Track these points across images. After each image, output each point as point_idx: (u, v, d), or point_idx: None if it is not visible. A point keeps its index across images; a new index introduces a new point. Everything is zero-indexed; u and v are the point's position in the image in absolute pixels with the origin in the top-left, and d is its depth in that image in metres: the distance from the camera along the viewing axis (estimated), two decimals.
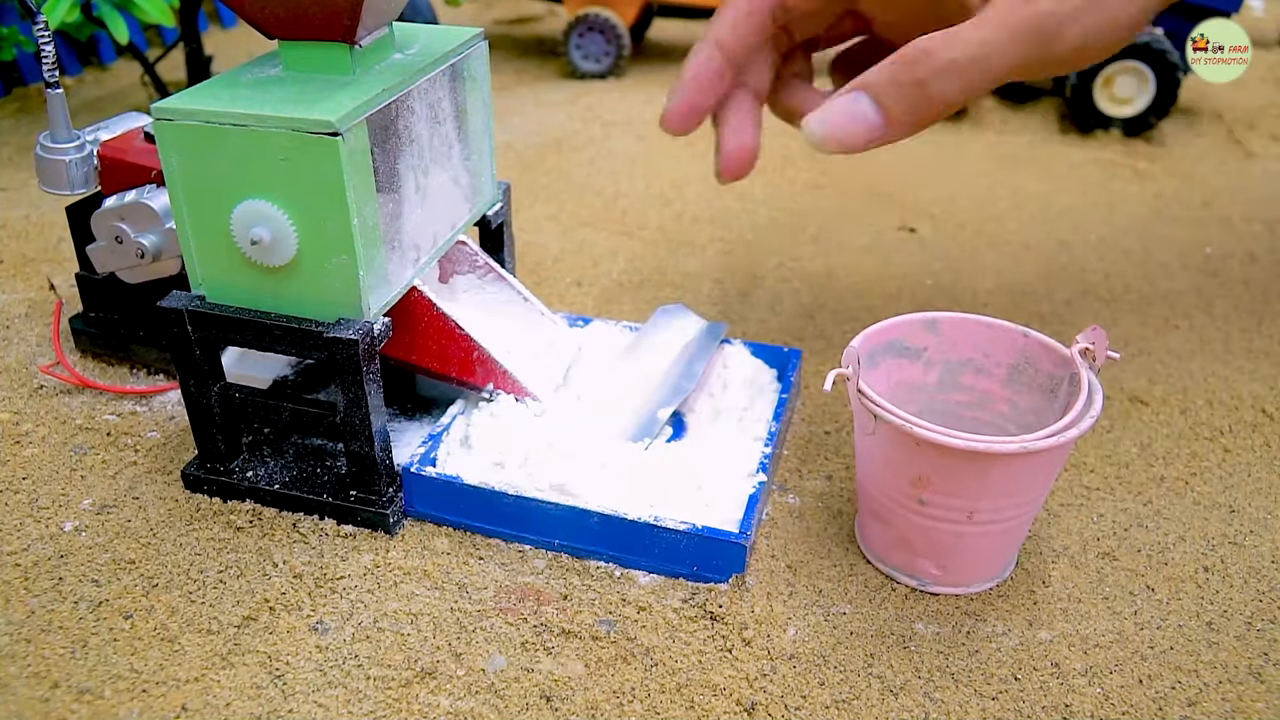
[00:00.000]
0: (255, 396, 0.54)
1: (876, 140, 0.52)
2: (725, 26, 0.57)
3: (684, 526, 0.49)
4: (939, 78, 0.49)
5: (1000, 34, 0.49)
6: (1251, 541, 0.54)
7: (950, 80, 0.49)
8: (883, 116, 0.51)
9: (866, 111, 0.51)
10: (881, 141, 0.52)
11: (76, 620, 0.48)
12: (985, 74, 0.50)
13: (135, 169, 0.60)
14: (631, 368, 0.61)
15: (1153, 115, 1.12)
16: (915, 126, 0.52)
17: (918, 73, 0.49)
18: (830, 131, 0.51)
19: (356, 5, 0.46)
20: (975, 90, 0.50)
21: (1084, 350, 0.49)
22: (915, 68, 0.49)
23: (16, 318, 0.71)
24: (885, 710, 0.44)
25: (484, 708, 0.44)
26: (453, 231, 0.58)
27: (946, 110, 0.51)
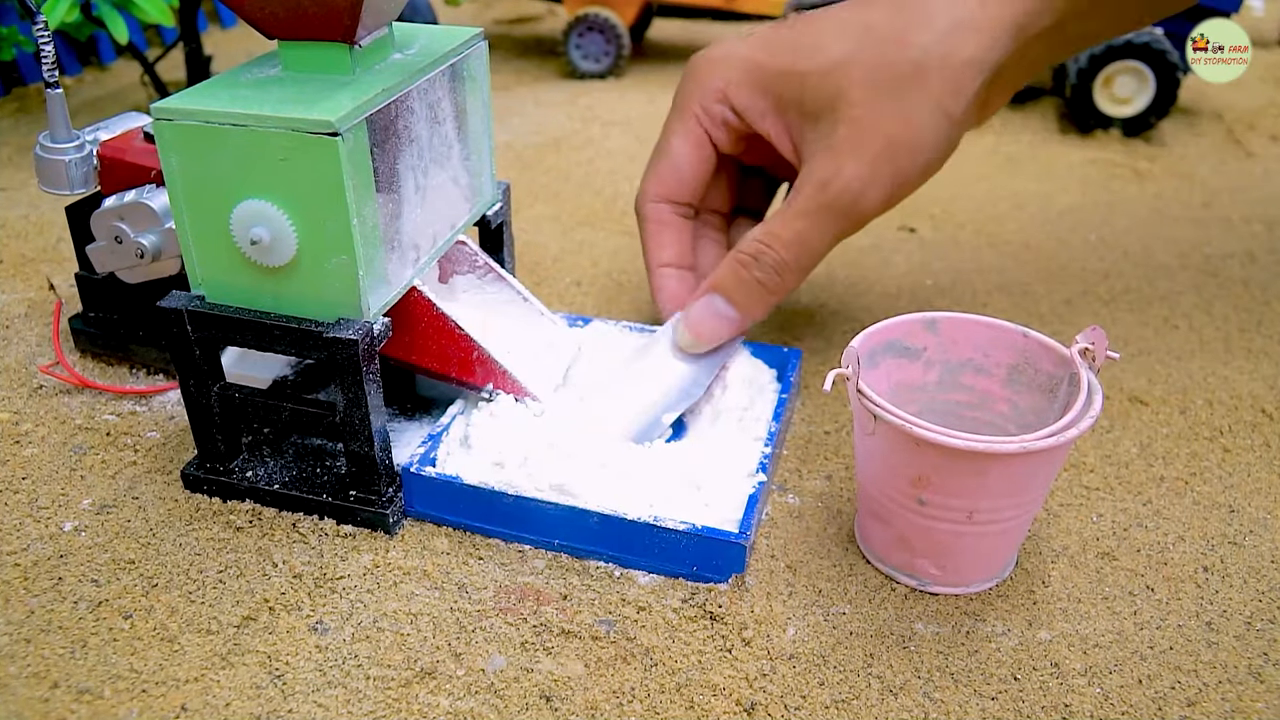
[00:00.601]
0: (255, 396, 0.54)
1: (738, 331, 0.61)
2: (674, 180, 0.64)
3: (684, 526, 0.49)
4: (771, 275, 0.58)
5: (810, 223, 0.57)
6: (1251, 541, 0.54)
7: (782, 274, 0.58)
8: (737, 311, 0.60)
9: (723, 310, 0.60)
10: (741, 330, 0.61)
11: (76, 620, 0.48)
12: (810, 258, 0.59)
13: (135, 169, 0.60)
14: (640, 370, 0.61)
15: (1152, 115, 1.12)
16: (766, 310, 0.60)
17: (754, 273, 0.58)
18: (700, 335, 0.60)
19: (356, 5, 0.46)
20: (808, 270, 0.59)
21: (1084, 350, 0.49)
22: (751, 269, 0.58)
23: (16, 318, 0.71)
24: (885, 710, 0.44)
25: (484, 708, 0.44)
26: (452, 231, 0.58)
27: (791, 290, 0.60)
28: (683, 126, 0.63)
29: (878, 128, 0.55)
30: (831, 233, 0.57)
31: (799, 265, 0.58)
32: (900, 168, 0.56)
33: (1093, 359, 0.49)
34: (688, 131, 0.63)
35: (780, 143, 0.60)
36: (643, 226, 0.65)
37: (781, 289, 0.59)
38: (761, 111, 0.60)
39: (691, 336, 0.60)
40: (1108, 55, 1.10)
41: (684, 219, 0.65)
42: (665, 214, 0.64)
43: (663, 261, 0.64)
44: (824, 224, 0.57)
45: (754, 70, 0.60)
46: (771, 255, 0.58)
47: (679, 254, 0.64)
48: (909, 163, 0.56)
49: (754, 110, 0.60)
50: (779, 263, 0.58)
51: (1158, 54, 1.09)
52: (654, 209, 0.64)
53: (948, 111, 0.56)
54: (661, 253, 0.64)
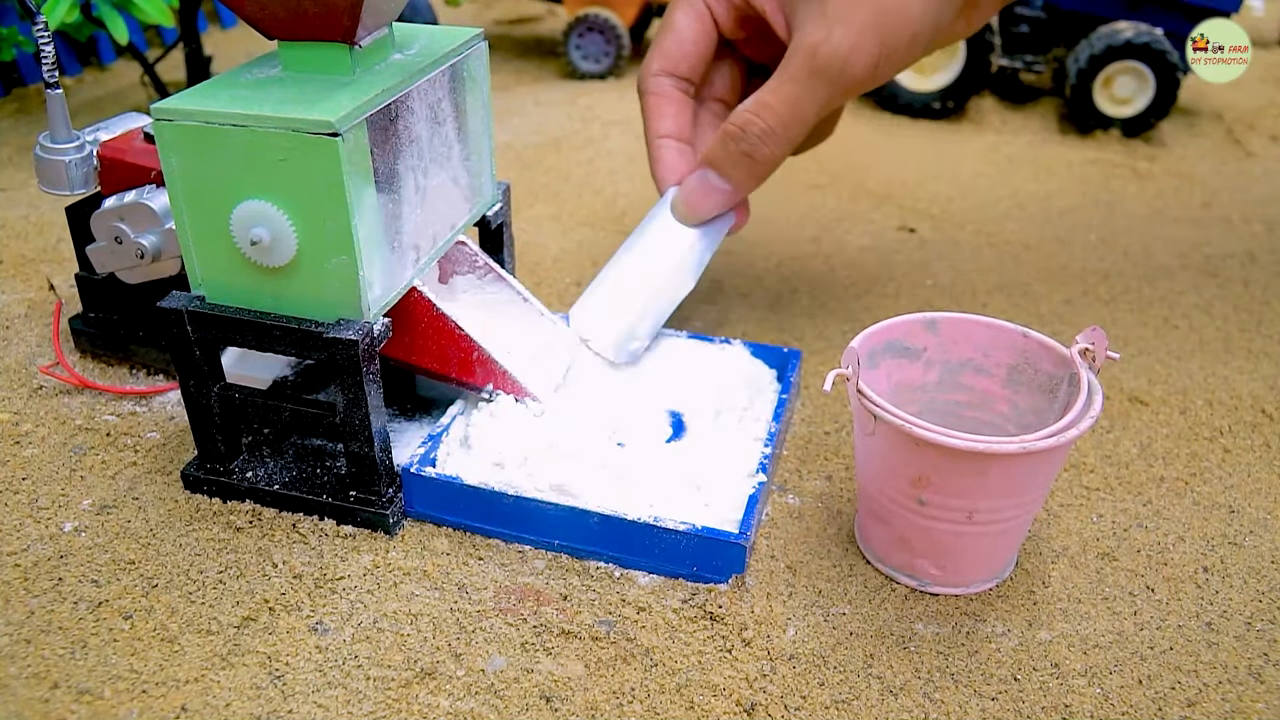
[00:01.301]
0: (255, 397, 0.54)
1: (731, 203, 0.63)
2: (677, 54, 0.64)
3: (683, 527, 0.49)
4: (760, 144, 0.59)
5: (797, 89, 0.58)
6: (1251, 542, 0.54)
7: (771, 143, 0.59)
8: (729, 184, 0.61)
9: (715, 183, 0.62)
10: (735, 203, 0.63)
11: (76, 621, 0.47)
12: (797, 125, 0.59)
13: (135, 169, 0.60)
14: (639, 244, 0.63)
15: (1152, 115, 1.12)
16: (760, 182, 0.62)
17: (743, 146, 0.60)
18: (695, 210, 0.62)
19: (356, 6, 0.46)
20: (796, 139, 0.60)
21: (1084, 350, 0.49)
22: (740, 141, 0.60)
23: (16, 318, 0.71)
24: (885, 710, 0.44)
25: (484, 708, 0.44)
26: (452, 232, 0.58)
27: (779, 162, 0.61)
28: (686, 3, 0.64)
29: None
30: (819, 98, 0.58)
31: (786, 134, 0.59)
32: (887, 36, 0.57)
33: (1093, 359, 0.49)
34: (690, 6, 0.64)
35: (774, 18, 0.61)
36: (643, 101, 0.65)
37: (767, 158, 0.60)
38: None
39: (684, 208, 0.62)
40: (1108, 55, 1.10)
41: (685, 95, 0.65)
42: (666, 87, 0.64)
43: (662, 132, 0.64)
44: (811, 89, 0.58)
45: None
46: (759, 124, 0.59)
47: (679, 127, 0.64)
48: (896, 31, 0.57)
49: None
50: (765, 131, 0.59)
51: (1158, 54, 1.09)
52: (655, 82, 0.64)
53: None
54: (661, 123, 0.64)
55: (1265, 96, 1.28)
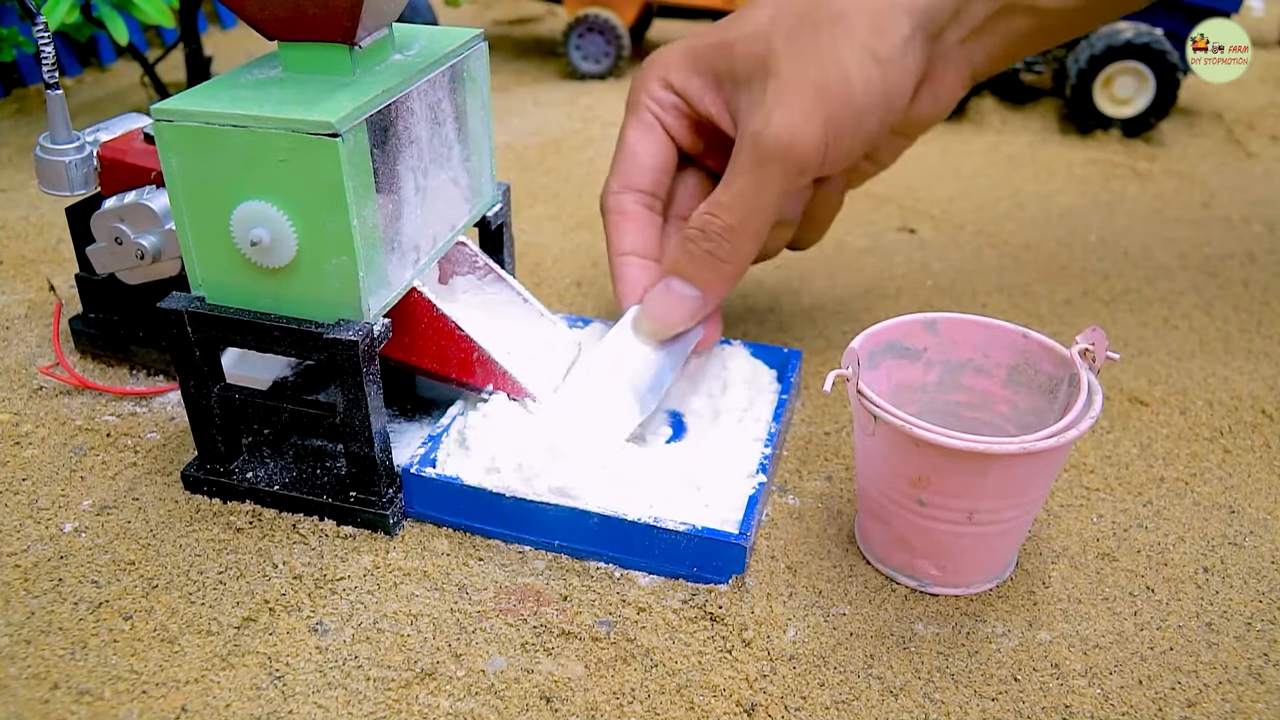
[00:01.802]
0: (255, 397, 0.54)
1: (702, 311, 0.59)
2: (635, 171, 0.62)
3: (683, 527, 0.49)
4: (720, 243, 0.56)
5: (748, 180, 0.55)
6: (1251, 542, 0.54)
7: (733, 239, 0.56)
8: (699, 289, 0.58)
9: (683, 291, 0.58)
10: (706, 311, 0.59)
11: (76, 621, 0.48)
12: (756, 218, 0.56)
13: (135, 170, 0.60)
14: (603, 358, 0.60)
15: (1152, 116, 1.12)
16: (730, 284, 0.59)
17: (703, 245, 0.57)
18: (662, 322, 0.59)
19: (356, 6, 0.46)
20: (760, 233, 0.57)
21: (1084, 351, 0.49)
22: (699, 242, 0.57)
23: (16, 319, 0.71)
24: (885, 711, 0.44)
25: (484, 709, 0.44)
26: (452, 232, 0.58)
27: (747, 259, 0.58)
28: (635, 119, 0.62)
29: (803, 76, 0.54)
30: (772, 186, 0.55)
31: (746, 228, 0.56)
32: (831, 111, 0.54)
33: (1093, 360, 0.49)
34: (639, 122, 0.62)
35: (721, 119, 0.59)
36: (605, 220, 0.62)
37: (735, 256, 0.57)
38: (700, 90, 0.60)
39: (653, 323, 0.59)
40: (1108, 56, 1.10)
41: (648, 210, 0.62)
42: (626, 204, 0.62)
43: (624, 249, 0.61)
44: (762, 178, 0.55)
45: (689, 52, 0.60)
46: (717, 223, 0.56)
47: (642, 243, 0.61)
48: (839, 105, 0.54)
49: (693, 90, 0.60)
50: (726, 228, 0.56)
51: (1158, 54, 1.09)
52: (615, 200, 0.62)
53: (873, 51, 0.55)
54: (623, 241, 0.61)
55: (1265, 97, 1.28)
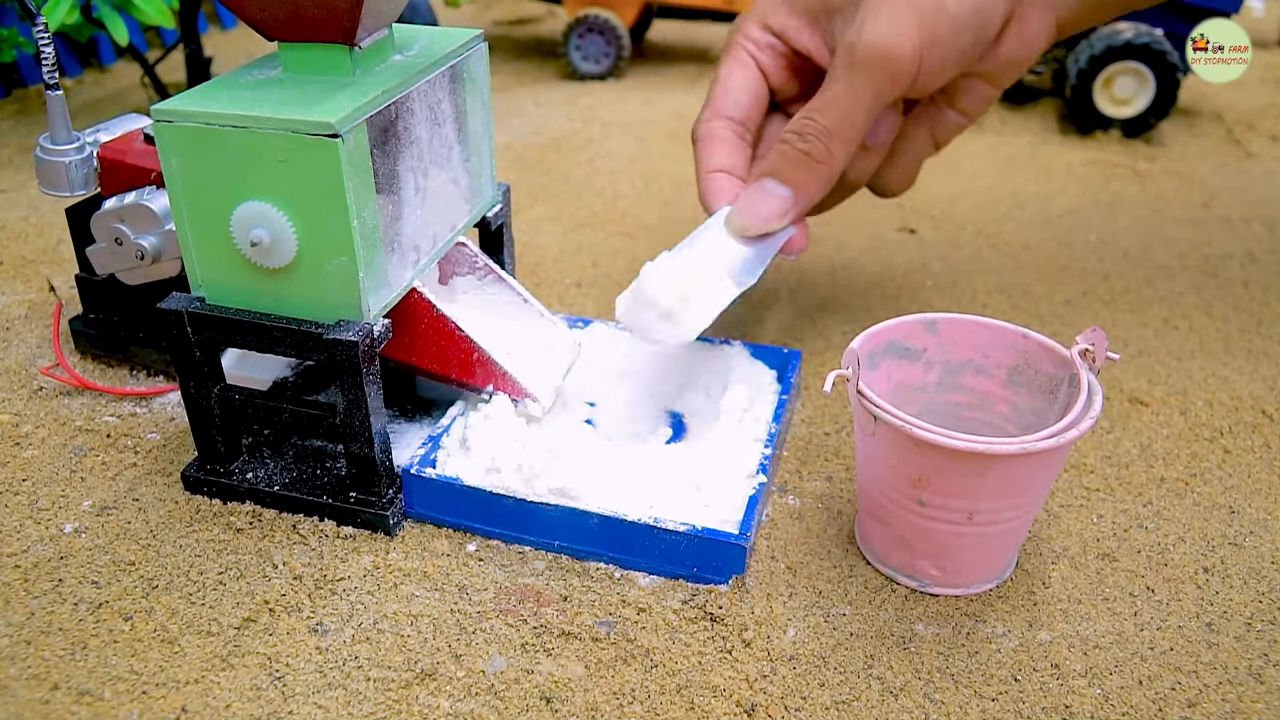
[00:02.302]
0: (255, 398, 0.54)
1: (792, 212, 0.59)
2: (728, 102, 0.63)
3: (683, 528, 0.49)
4: (817, 144, 0.58)
5: (844, 86, 0.57)
6: (1251, 542, 0.54)
7: (828, 142, 0.58)
8: (790, 189, 0.59)
9: (776, 190, 0.59)
10: (797, 213, 0.60)
11: (76, 622, 0.48)
12: (852, 122, 0.58)
13: (135, 170, 0.60)
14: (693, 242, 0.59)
15: (1152, 116, 1.12)
16: (821, 188, 0.59)
17: (801, 145, 0.58)
18: (754, 216, 0.59)
19: (356, 7, 0.46)
20: (854, 140, 0.58)
21: (1084, 351, 0.49)
22: (797, 142, 0.58)
23: (16, 319, 0.71)
24: (885, 711, 0.44)
25: (484, 709, 0.44)
26: (452, 233, 0.58)
27: (840, 164, 0.59)
28: (730, 55, 0.64)
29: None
30: (868, 91, 0.57)
31: (842, 132, 0.57)
32: (925, 18, 0.56)
33: (1093, 360, 0.49)
34: (736, 58, 0.64)
35: (819, 53, 0.61)
36: (696, 148, 0.63)
37: (829, 158, 0.58)
38: (797, 27, 0.62)
39: (744, 219, 0.59)
40: (1108, 56, 1.10)
41: (738, 137, 0.63)
42: (718, 129, 0.63)
43: (713, 166, 0.62)
44: (857, 82, 0.56)
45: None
46: (814, 125, 0.57)
47: (732, 163, 0.62)
48: (934, 17, 0.56)
49: (790, 28, 0.62)
50: (822, 130, 0.57)
51: (1158, 55, 1.09)
52: (706, 127, 0.63)
53: None
54: (712, 159, 0.62)
55: (1265, 97, 1.28)
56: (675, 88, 1.29)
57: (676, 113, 1.17)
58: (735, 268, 0.58)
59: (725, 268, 0.58)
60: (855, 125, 0.58)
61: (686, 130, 1.11)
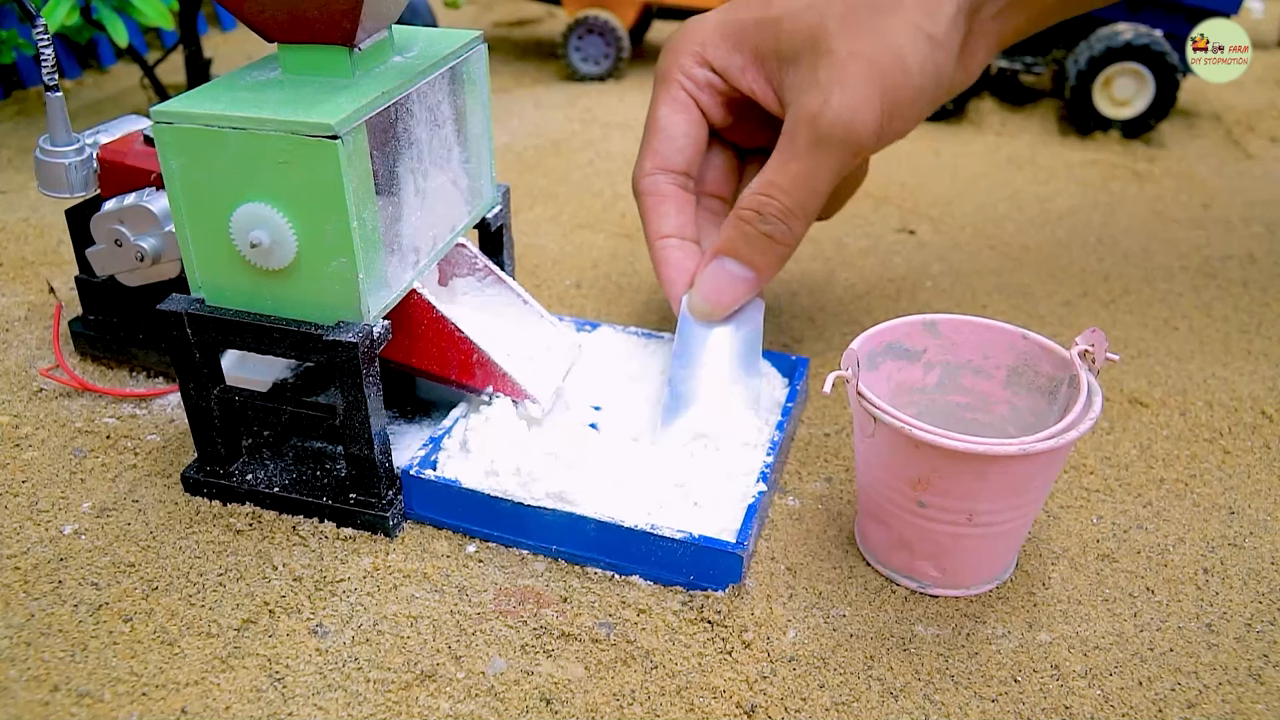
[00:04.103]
0: (255, 399, 0.54)
1: (754, 291, 0.59)
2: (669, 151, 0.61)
3: (681, 535, 0.49)
4: (778, 225, 0.56)
5: (806, 163, 0.55)
6: (1251, 543, 0.54)
7: (788, 222, 0.56)
8: (751, 270, 0.58)
9: (737, 271, 0.58)
10: (758, 290, 0.59)
11: (76, 623, 0.47)
12: (813, 200, 0.56)
13: (135, 172, 0.60)
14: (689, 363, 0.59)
15: (1152, 117, 1.12)
16: (781, 264, 0.59)
17: (760, 228, 0.57)
18: (715, 302, 0.58)
19: (356, 8, 0.46)
20: (814, 214, 0.57)
21: (1083, 352, 0.49)
22: (755, 224, 0.57)
23: (16, 321, 0.71)
24: (885, 712, 0.44)
25: (484, 710, 0.44)
26: (452, 234, 0.58)
27: (800, 240, 0.58)
28: (668, 95, 0.61)
29: (859, 55, 0.54)
30: (830, 168, 0.55)
31: (803, 210, 0.56)
32: (888, 91, 0.54)
33: (1092, 361, 0.49)
34: (673, 100, 0.61)
35: (764, 96, 0.59)
36: (641, 203, 0.62)
37: (790, 238, 0.57)
38: (740, 67, 0.59)
39: (706, 303, 0.58)
40: (1107, 57, 1.11)
41: (683, 190, 0.62)
42: (662, 185, 0.61)
43: (664, 233, 0.61)
44: (821, 160, 0.55)
45: (727, 27, 0.59)
46: (774, 205, 0.56)
47: (680, 225, 0.61)
48: (896, 85, 0.54)
49: (733, 67, 0.59)
50: (783, 211, 0.56)
51: (1157, 56, 1.09)
52: (649, 182, 0.61)
53: (927, 32, 0.55)
54: (662, 224, 0.61)
55: (1265, 98, 1.28)
56: None
57: None
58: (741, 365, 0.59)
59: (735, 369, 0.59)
60: (817, 201, 0.57)
61: None
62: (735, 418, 0.57)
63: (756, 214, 0.56)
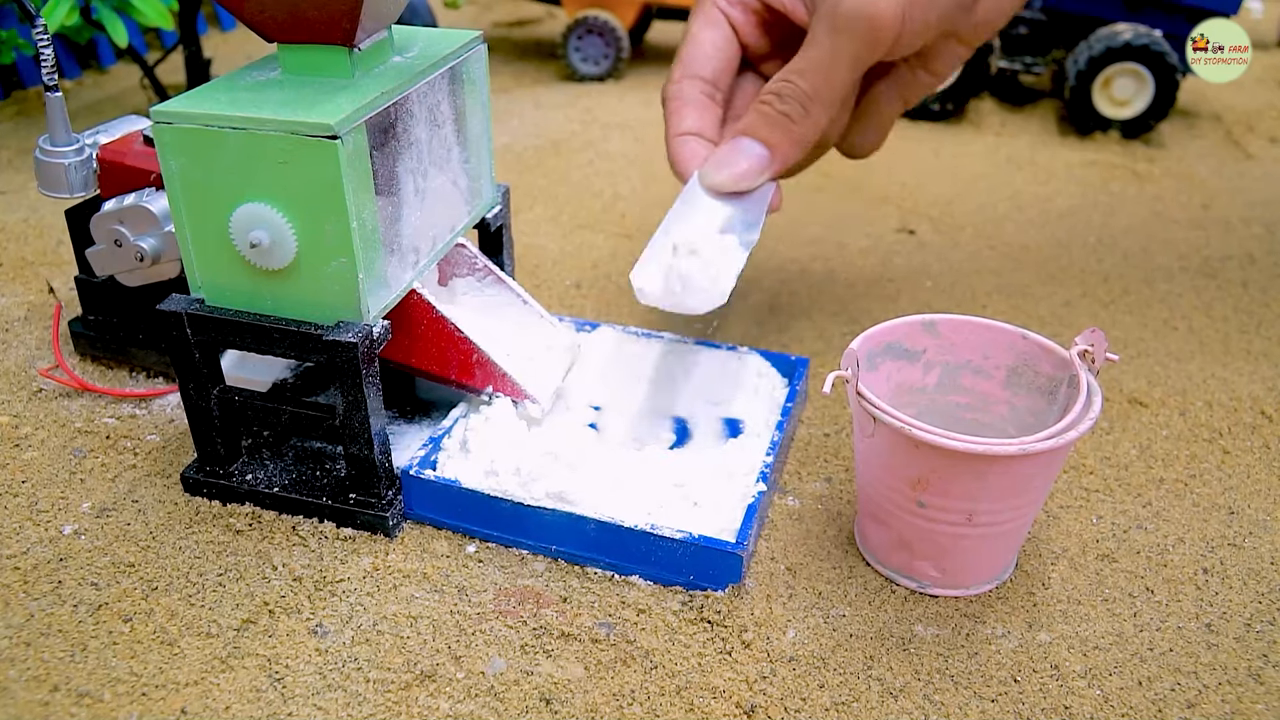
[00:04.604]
0: (254, 399, 0.54)
1: (768, 171, 0.58)
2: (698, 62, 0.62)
3: (681, 535, 0.49)
4: (796, 107, 0.57)
5: (826, 48, 0.56)
6: (1250, 543, 0.54)
7: (807, 106, 0.57)
8: (767, 150, 0.58)
9: (752, 149, 0.58)
10: (772, 173, 0.59)
11: (76, 623, 0.47)
12: (832, 86, 0.57)
13: (134, 172, 0.60)
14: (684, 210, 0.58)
15: (1151, 117, 1.12)
16: (798, 151, 0.58)
17: (780, 107, 0.57)
18: (729, 170, 0.58)
19: (356, 8, 0.46)
20: (833, 105, 0.58)
21: (1083, 352, 0.49)
22: (776, 104, 0.57)
23: (16, 321, 0.71)
24: (885, 712, 0.44)
25: (484, 710, 0.44)
26: (452, 234, 0.58)
27: (819, 129, 0.58)
28: (702, 13, 0.62)
29: None
30: (849, 54, 0.56)
31: (822, 95, 0.57)
32: None
33: (1092, 361, 0.49)
34: (706, 16, 0.62)
35: (795, 12, 0.60)
36: (665, 109, 0.61)
37: (809, 122, 0.57)
38: None
39: (718, 170, 0.58)
40: (1107, 57, 1.11)
41: (708, 98, 0.61)
42: (687, 90, 0.61)
43: (683, 130, 0.60)
44: (840, 46, 0.55)
45: None
46: (794, 88, 0.56)
47: (701, 126, 0.60)
48: None
49: None
50: (802, 94, 0.56)
51: (1156, 56, 1.09)
52: (675, 88, 0.61)
53: None
54: (682, 122, 0.60)
55: (1264, 98, 1.28)
56: None
57: None
58: (737, 228, 0.57)
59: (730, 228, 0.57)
60: (835, 90, 0.57)
61: None
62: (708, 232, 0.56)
63: (776, 96, 0.57)
